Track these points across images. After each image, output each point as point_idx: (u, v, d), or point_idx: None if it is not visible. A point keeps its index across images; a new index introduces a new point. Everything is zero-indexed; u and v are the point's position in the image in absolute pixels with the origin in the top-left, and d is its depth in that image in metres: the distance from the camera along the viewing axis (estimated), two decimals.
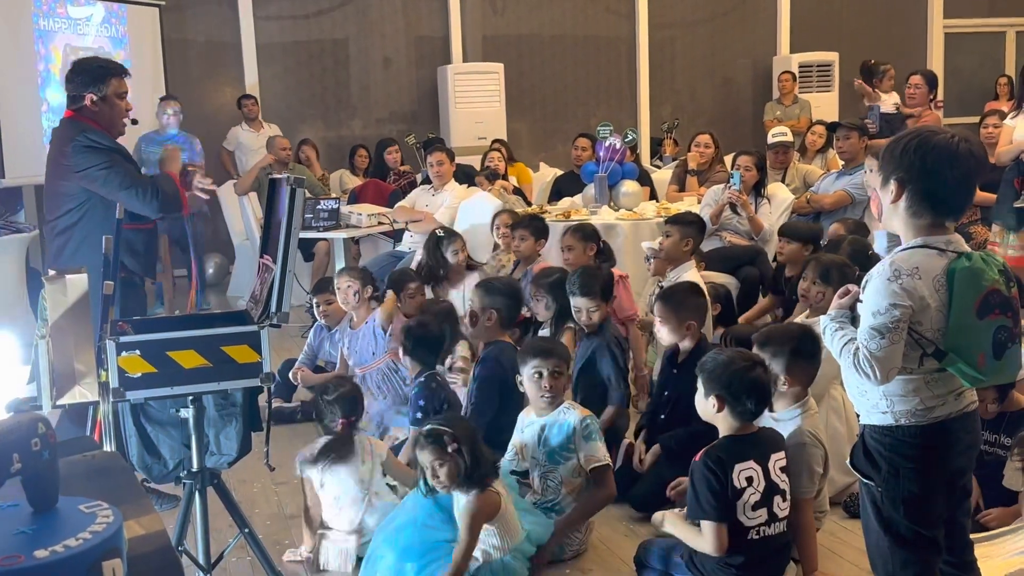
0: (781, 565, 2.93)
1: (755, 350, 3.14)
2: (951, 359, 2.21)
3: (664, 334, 3.86)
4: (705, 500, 2.78)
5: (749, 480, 2.79)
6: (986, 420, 3.30)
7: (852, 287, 2.40)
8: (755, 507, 2.78)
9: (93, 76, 3.89)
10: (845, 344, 2.29)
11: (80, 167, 3.78)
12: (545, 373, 3.32)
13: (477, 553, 3.07)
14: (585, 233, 5.13)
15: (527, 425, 3.45)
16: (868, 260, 4.13)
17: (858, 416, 2.48)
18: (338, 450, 3.37)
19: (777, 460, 2.86)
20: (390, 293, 5.01)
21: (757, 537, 2.80)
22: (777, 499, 2.83)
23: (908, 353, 2.24)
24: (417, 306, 5.05)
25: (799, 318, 4.06)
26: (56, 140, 3.93)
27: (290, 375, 5.15)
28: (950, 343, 2.21)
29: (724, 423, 2.88)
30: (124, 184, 3.80)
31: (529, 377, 3.37)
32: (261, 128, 8.87)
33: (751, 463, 2.80)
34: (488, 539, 3.08)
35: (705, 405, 2.90)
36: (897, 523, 2.34)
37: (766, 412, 3.11)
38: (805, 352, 3.11)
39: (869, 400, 2.35)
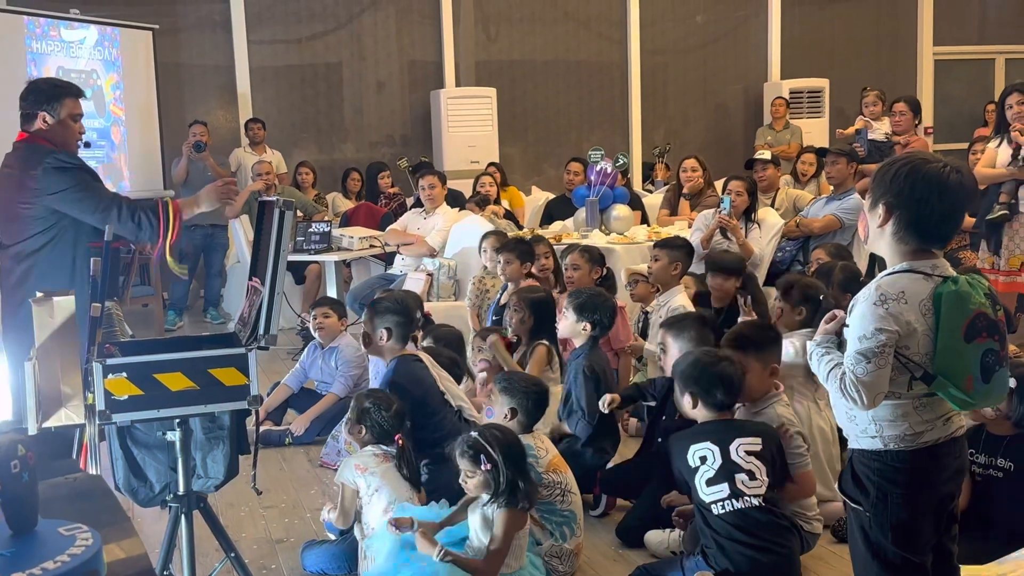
0: (783, 544, 3.02)
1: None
2: (940, 383, 2.21)
3: (667, 363, 3.83)
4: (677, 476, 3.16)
5: (703, 459, 3.04)
6: (984, 442, 3.29)
7: (838, 312, 2.41)
8: (710, 483, 3.01)
9: (48, 96, 3.82)
10: (832, 369, 2.30)
11: (53, 189, 3.70)
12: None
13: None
14: (592, 256, 5.22)
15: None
16: (860, 286, 4.14)
17: (846, 441, 2.49)
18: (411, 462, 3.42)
19: (743, 443, 3.04)
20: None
21: (721, 512, 2.99)
22: (740, 477, 3.00)
23: (896, 378, 2.24)
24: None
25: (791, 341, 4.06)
26: (16, 163, 3.81)
27: (292, 429, 5.04)
28: (938, 367, 2.21)
29: (701, 416, 3.15)
30: (99, 206, 3.73)
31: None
32: (264, 152, 8.90)
33: (707, 443, 3.05)
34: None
35: (683, 403, 3.18)
36: (885, 548, 2.34)
37: None
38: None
39: (858, 425, 2.35)
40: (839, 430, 2.70)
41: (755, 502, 3.00)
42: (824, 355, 2.35)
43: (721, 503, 3.00)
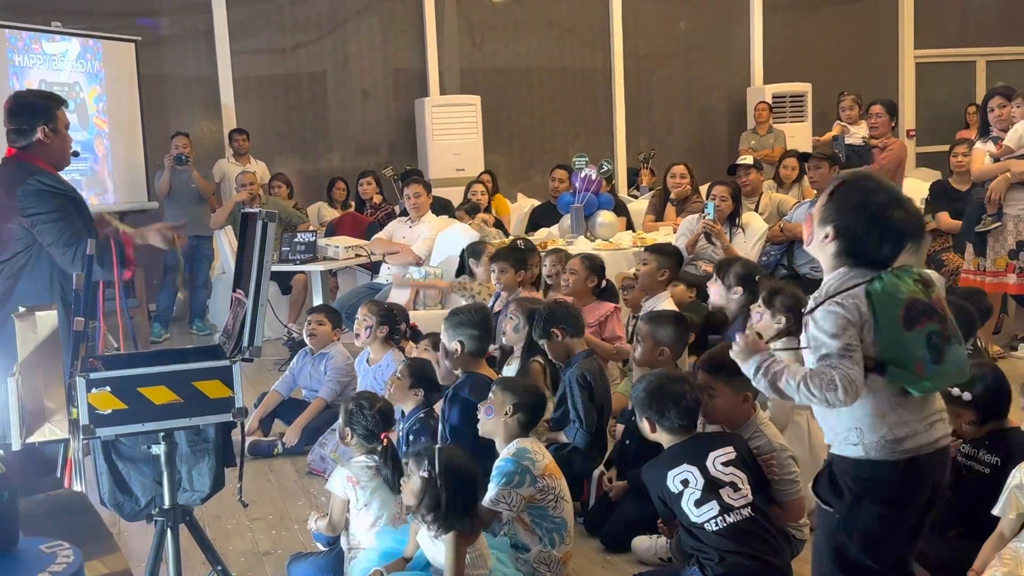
0: (775, 552, 3.03)
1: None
2: (893, 371, 2.26)
3: (637, 354, 3.88)
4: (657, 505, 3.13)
5: (685, 482, 3.01)
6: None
7: (747, 335, 2.41)
8: (699, 503, 2.99)
9: (42, 109, 3.79)
10: (803, 378, 2.26)
11: (28, 211, 3.66)
12: None
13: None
14: (593, 264, 5.13)
15: None
16: (755, 284, 4.21)
17: (829, 446, 2.50)
18: (395, 461, 3.37)
19: (718, 456, 3.03)
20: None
21: (716, 528, 2.97)
22: (726, 491, 2.99)
23: None
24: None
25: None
26: (2, 180, 3.77)
27: (285, 440, 5.02)
28: (888, 359, 2.26)
29: (663, 439, 3.13)
30: (62, 241, 3.65)
31: None
32: (248, 163, 8.89)
33: (684, 466, 3.02)
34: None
35: (644, 427, 3.16)
36: (847, 550, 2.37)
37: None
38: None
39: (839, 432, 2.38)
40: None
41: (745, 513, 3.00)
42: (784, 369, 2.31)
43: (713, 520, 2.98)
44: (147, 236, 3.80)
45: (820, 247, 2.39)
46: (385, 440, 3.41)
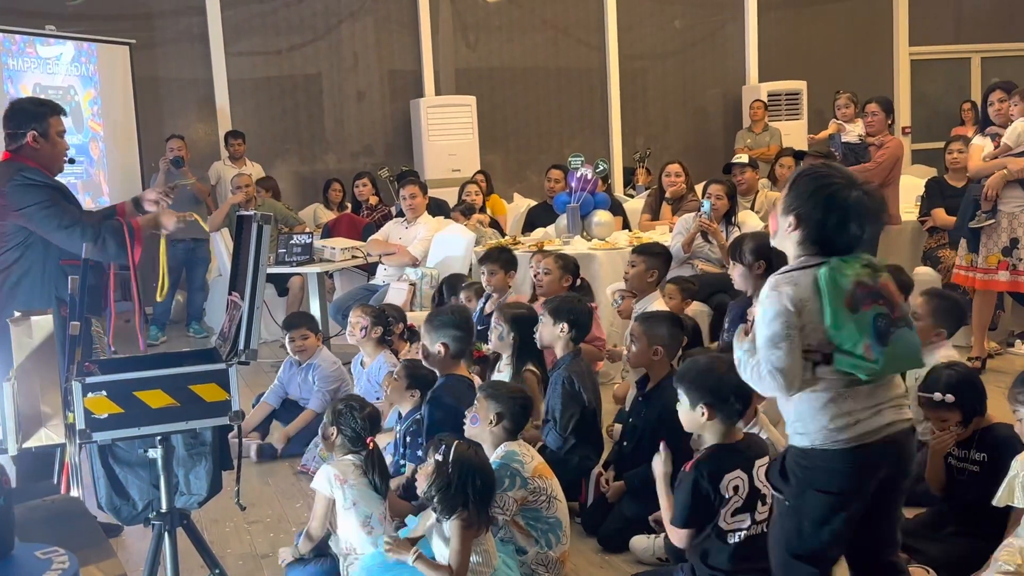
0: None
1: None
2: (839, 358, 2.30)
3: (632, 353, 3.88)
4: (682, 508, 2.89)
5: (735, 489, 2.86)
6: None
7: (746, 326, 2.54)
8: (735, 513, 2.86)
9: (33, 114, 3.86)
10: (751, 363, 2.40)
11: (19, 205, 3.71)
12: None
13: None
14: (566, 263, 5.16)
15: None
16: (771, 252, 4.22)
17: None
18: (382, 466, 3.39)
19: (761, 465, 2.93)
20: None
21: (738, 540, 2.88)
22: (757, 503, 2.91)
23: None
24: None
25: None
26: None
27: (275, 445, 5.04)
28: (835, 341, 2.30)
29: (713, 430, 2.92)
30: (62, 224, 3.71)
31: None
32: (244, 165, 8.87)
33: (738, 472, 2.87)
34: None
35: (692, 416, 2.91)
36: (795, 537, 2.42)
37: None
38: None
39: (790, 422, 2.44)
40: None
41: (760, 529, 2.90)
42: (750, 358, 2.42)
43: (739, 533, 2.88)
44: (157, 220, 3.83)
45: (785, 237, 2.44)
46: (371, 444, 3.40)
